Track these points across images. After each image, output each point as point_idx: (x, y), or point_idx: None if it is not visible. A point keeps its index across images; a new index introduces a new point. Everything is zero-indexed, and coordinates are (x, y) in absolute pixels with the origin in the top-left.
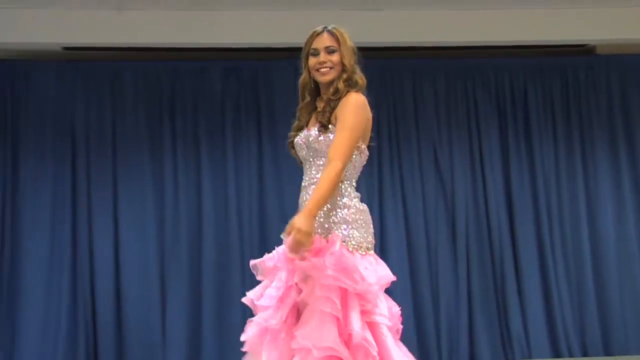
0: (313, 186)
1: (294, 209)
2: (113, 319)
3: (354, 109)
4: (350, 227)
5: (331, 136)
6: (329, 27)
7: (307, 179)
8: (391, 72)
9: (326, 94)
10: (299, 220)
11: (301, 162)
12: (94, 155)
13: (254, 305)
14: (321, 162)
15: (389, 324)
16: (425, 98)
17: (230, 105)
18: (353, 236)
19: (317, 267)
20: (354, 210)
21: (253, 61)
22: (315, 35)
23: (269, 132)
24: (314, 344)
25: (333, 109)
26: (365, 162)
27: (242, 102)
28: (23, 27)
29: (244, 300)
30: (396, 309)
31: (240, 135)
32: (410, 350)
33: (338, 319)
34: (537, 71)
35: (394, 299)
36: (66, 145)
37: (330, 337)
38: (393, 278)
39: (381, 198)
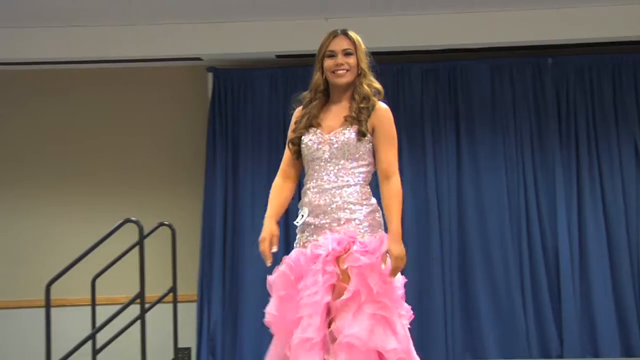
0: (339, 190)
1: (492, 204)
2: None
3: (393, 123)
4: (382, 228)
5: (367, 144)
6: (345, 30)
7: (327, 180)
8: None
9: (339, 97)
10: (395, 248)
11: (297, 157)
12: None
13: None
14: (351, 166)
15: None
16: (625, 92)
17: (428, 105)
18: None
19: (374, 267)
20: (380, 214)
21: (450, 62)
22: (332, 37)
23: (467, 130)
24: (381, 346)
25: (367, 117)
26: None
27: (440, 102)
28: (242, 39)
29: (265, 321)
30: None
31: (439, 133)
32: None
33: (388, 321)
34: None
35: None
36: (279, 143)
37: (391, 340)
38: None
39: (580, 196)
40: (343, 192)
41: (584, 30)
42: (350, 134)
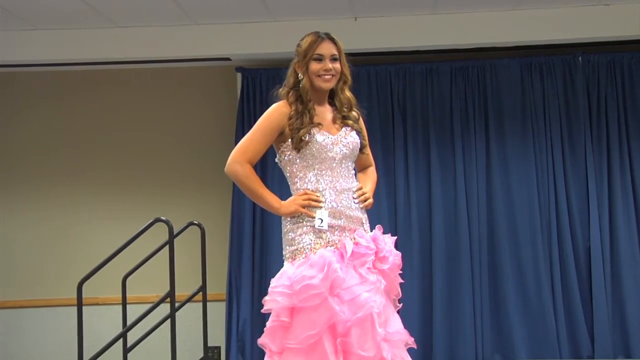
0: (350, 192)
1: (522, 204)
2: None
3: None
4: None
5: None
6: (330, 34)
7: (341, 181)
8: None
9: (321, 100)
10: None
11: (297, 151)
12: None
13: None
14: (352, 168)
15: None
16: None
17: (457, 103)
18: None
19: (398, 267)
20: None
21: (479, 60)
22: (320, 40)
23: (496, 128)
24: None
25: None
26: None
27: (469, 101)
28: (271, 39)
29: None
30: None
31: (468, 133)
32: None
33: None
34: None
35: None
36: None
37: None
38: None
39: (611, 195)
40: (353, 194)
41: (614, 28)
42: (356, 137)
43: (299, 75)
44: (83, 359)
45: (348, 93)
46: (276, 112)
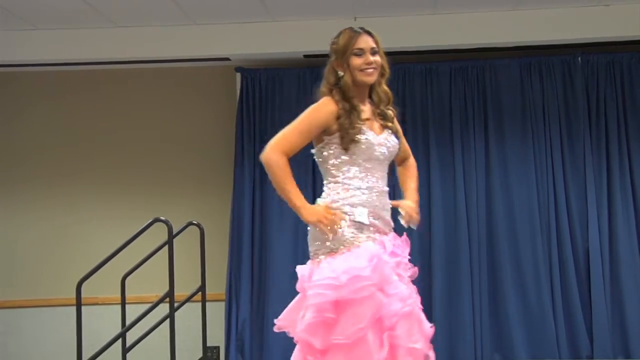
0: (387, 195)
1: (521, 205)
2: None
3: None
4: None
5: None
6: (365, 28)
7: (380, 183)
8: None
9: (362, 96)
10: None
11: (346, 150)
12: None
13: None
14: (387, 169)
15: None
16: None
17: (457, 103)
18: None
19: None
20: None
21: (479, 60)
22: (358, 35)
23: (496, 129)
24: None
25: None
26: None
27: (468, 101)
28: (270, 39)
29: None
30: None
31: (467, 133)
32: None
33: None
34: None
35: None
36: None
37: None
38: None
39: (610, 197)
40: (388, 197)
41: (614, 28)
42: (396, 142)
43: (338, 73)
44: (82, 359)
45: (385, 87)
46: (325, 108)
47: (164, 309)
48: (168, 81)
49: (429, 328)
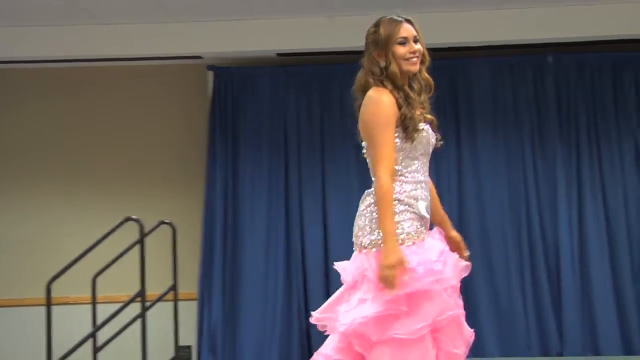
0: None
1: (492, 202)
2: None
3: None
4: None
5: None
6: (404, 16)
7: (427, 177)
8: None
9: (405, 85)
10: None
11: (410, 141)
12: (304, 150)
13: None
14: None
15: None
16: (626, 90)
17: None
18: None
19: None
20: None
21: (450, 60)
22: (400, 24)
23: (467, 127)
24: None
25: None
26: None
27: (440, 100)
28: (243, 37)
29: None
30: None
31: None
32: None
33: None
34: None
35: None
36: (279, 141)
37: None
38: None
39: (580, 194)
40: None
41: (585, 28)
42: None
43: (381, 63)
44: (52, 359)
45: (427, 74)
46: (389, 102)
47: (135, 308)
48: (138, 80)
49: (469, 333)
